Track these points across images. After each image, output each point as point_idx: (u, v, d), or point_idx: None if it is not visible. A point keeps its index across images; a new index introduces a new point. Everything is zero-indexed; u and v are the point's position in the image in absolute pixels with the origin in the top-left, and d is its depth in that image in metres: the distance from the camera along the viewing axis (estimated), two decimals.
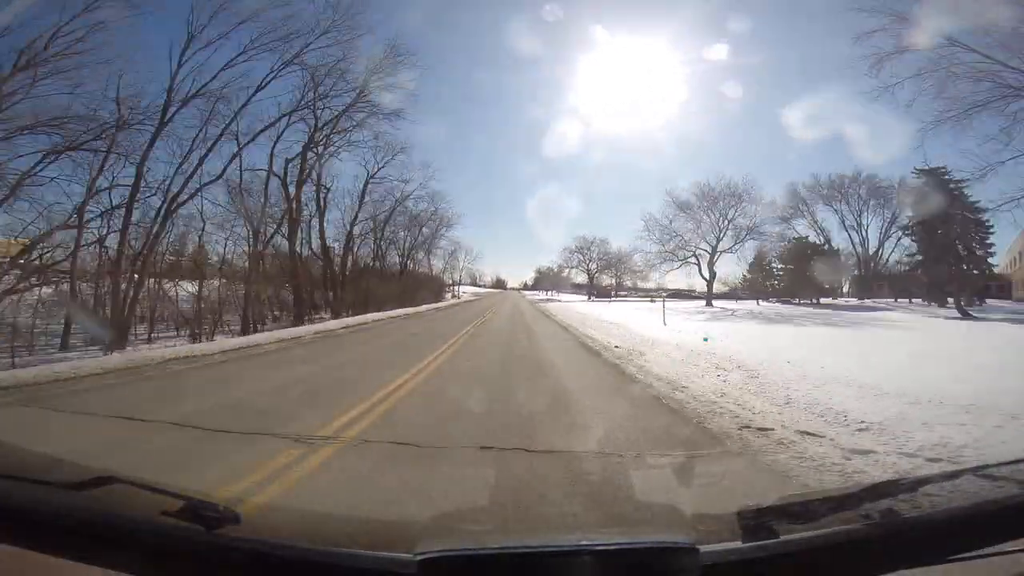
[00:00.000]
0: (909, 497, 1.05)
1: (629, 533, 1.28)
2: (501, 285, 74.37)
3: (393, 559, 0.93)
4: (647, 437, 4.42)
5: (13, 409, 5.62)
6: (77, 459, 1.45)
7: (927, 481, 1.11)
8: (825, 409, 5.02)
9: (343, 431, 4.47)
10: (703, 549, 0.94)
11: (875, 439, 4.11)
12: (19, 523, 1.01)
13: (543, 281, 64.71)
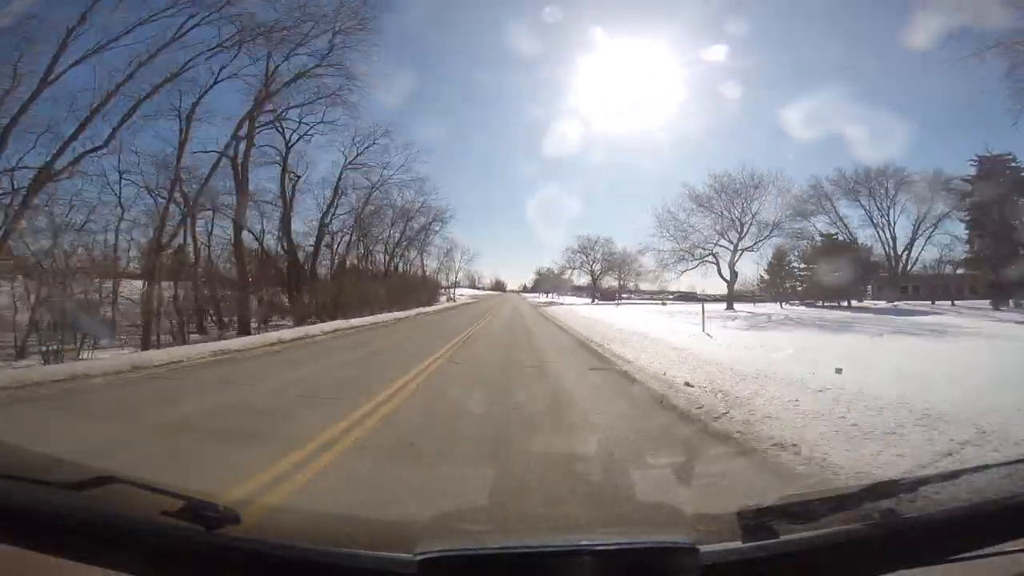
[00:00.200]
0: (909, 497, 1.05)
1: (629, 533, 1.28)
2: (500, 287, 74.25)
3: (393, 559, 0.93)
4: None
5: None
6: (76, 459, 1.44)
7: (927, 481, 1.11)
8: None
9: None
10: (703, 549, 0.94)
11: None
12: (19, 523, 1.01)
13: (543, 283, 64.37)
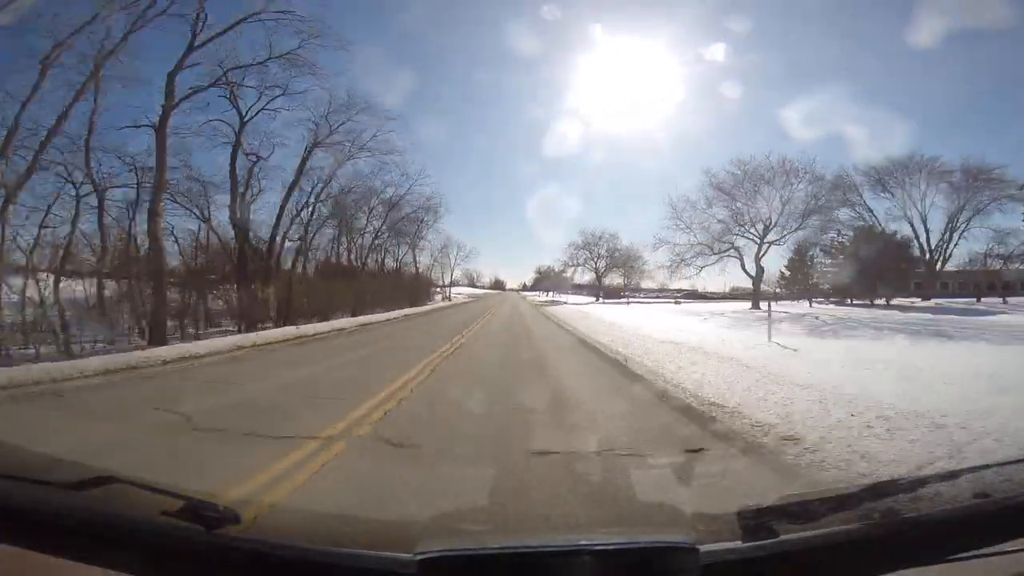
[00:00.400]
0: (909, 497, 1.05)
1: (629, 533, 1.28)
2: (500, 286, 73.92)
3: (393, 559, 0.93)
4: None
5: None
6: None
7: (927, 481, 1.11)
8: None
9: None
10: (703, 549, 0.94)
11: None
12: (19, 523, 1.02)
13: (543, 281, 63.86)
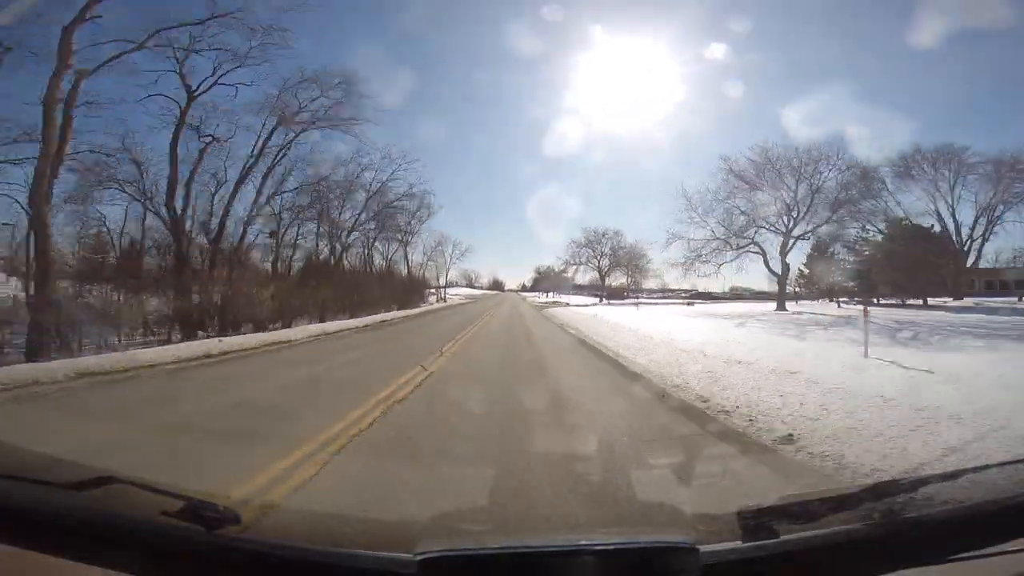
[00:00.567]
0: (909, 497, 1.05)
1: (629, 533, 1.28)
2: (498, 287, 73.77)
3: (393, 559, 0.93)
4: None
5: None
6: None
7: (927, 481, 1.11)
8: None
9: None
10: (703, 549, 0.94)
11: None
12: (19, 523, 1.01)
13: (543, 282, 63.55)
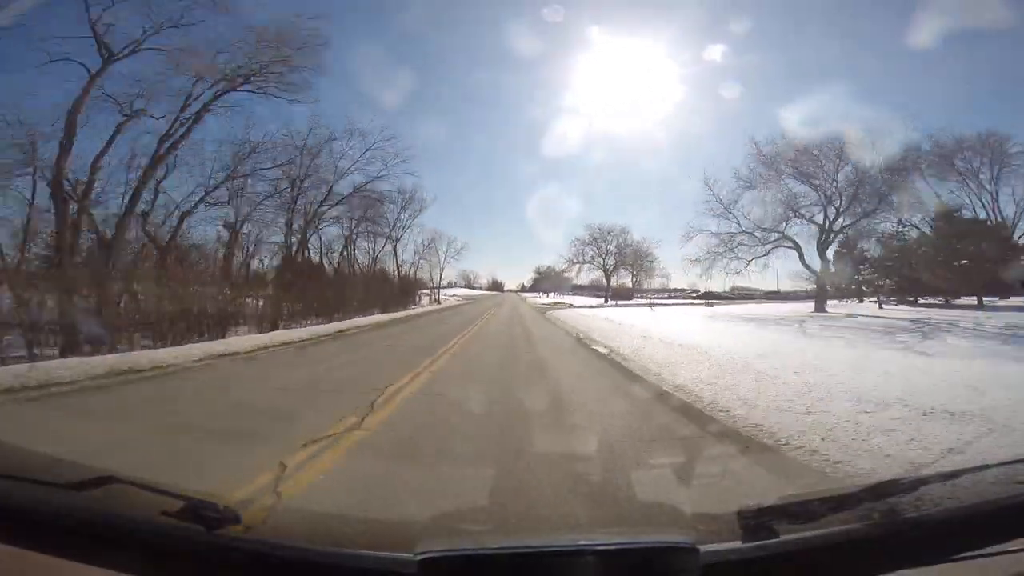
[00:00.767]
0: (909, 497, 1.05)
1: (629, 533, 1.28)
2: (498, 287, 73.99)
3: (393, 559, 0.93)
4: None
5: None
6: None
7: (927, 481, 1.11)
8: None
9: None
10: (703, 549, 0.94)
11: None
12: (19, 523, 1.01)
13: (543, 282, 63.48)
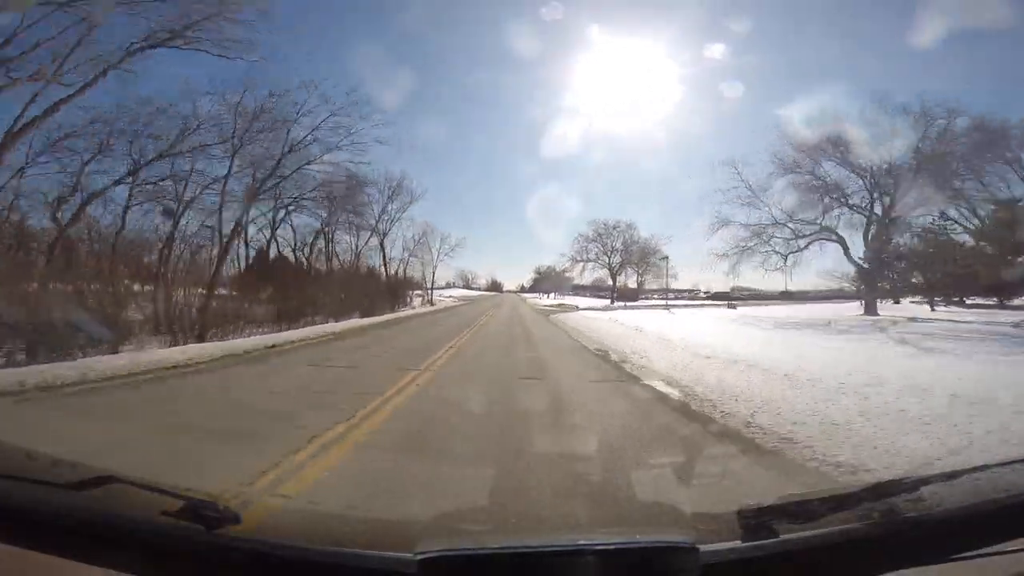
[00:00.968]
0: (909, 497, 1.05)
1: (629, 532, 1.28)
2: (497, 287, 73.93)
3: (393, 559, 0.93)
4: None
5: None
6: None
7: (927, 481, 1.11)
8: None
9: None
10: (703, 548, 0.94)
11: None
12: (19, 523, 1.01)
13: (543, 282, 63.12)
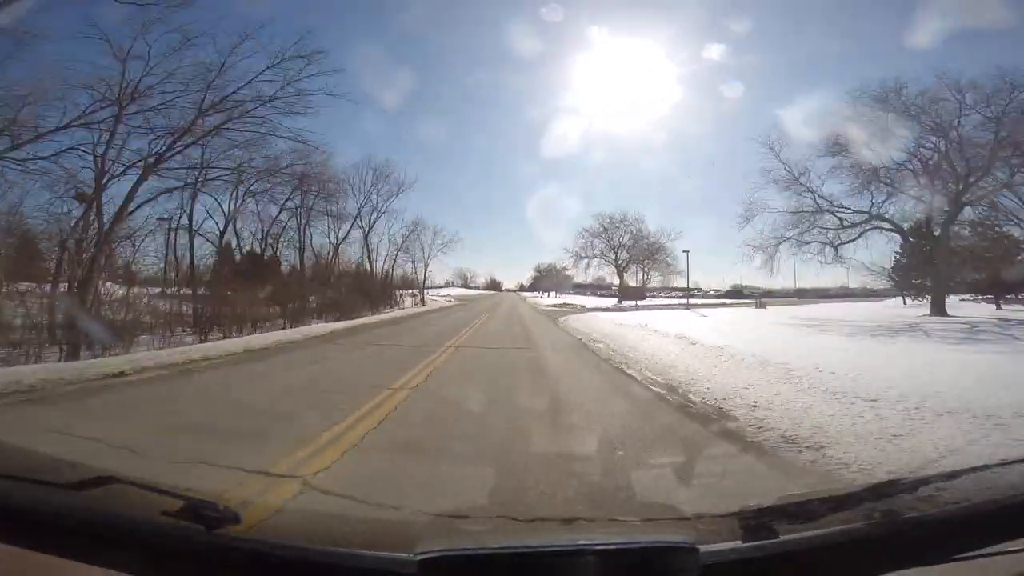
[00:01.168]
0: (909, 497, 1.05)
1: (629, 533, 1.28)
2: (496, 286, 73.92)
3: (393, 559, 0.93)
4: None
5: None
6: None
7: (927, 481, 1.11)
8: None
9: None
10: (703, 549, 0.93)
11: None
12: (19, 523, 1.01)
13: (543, 281, 63.02)
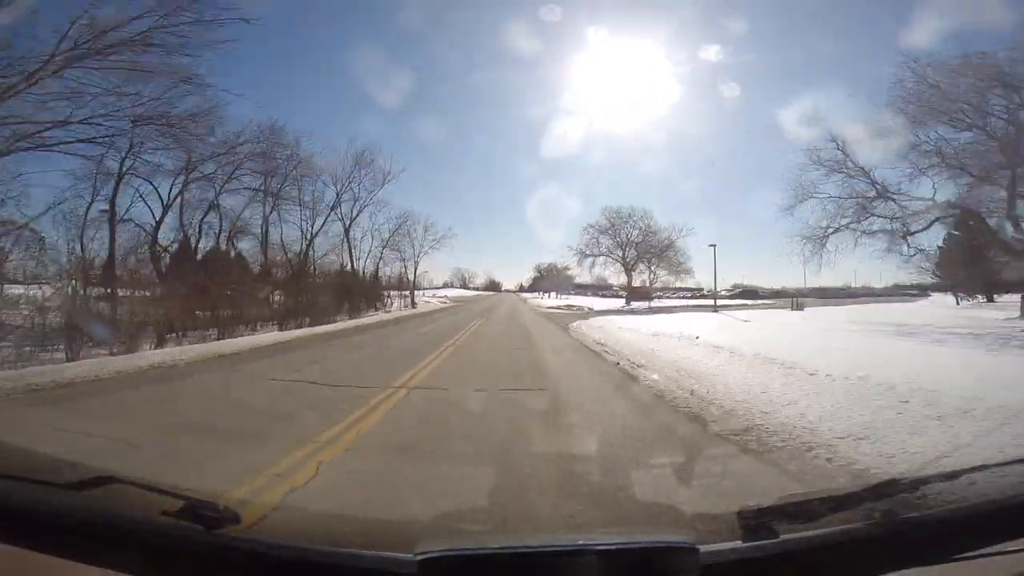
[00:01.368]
0: (909, 497, 1.05)
1: (629, 533, 1.28)
2: (495, 287, 73.70)
3: (393, 559, 0.93)
4: None
5: None
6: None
7: (927, 481, 1.11)
8: None
9: None
10: (703, 549, 0.94)
11: None
12: (19, 523, 1.02)
13: (543, 281, 62.55)
